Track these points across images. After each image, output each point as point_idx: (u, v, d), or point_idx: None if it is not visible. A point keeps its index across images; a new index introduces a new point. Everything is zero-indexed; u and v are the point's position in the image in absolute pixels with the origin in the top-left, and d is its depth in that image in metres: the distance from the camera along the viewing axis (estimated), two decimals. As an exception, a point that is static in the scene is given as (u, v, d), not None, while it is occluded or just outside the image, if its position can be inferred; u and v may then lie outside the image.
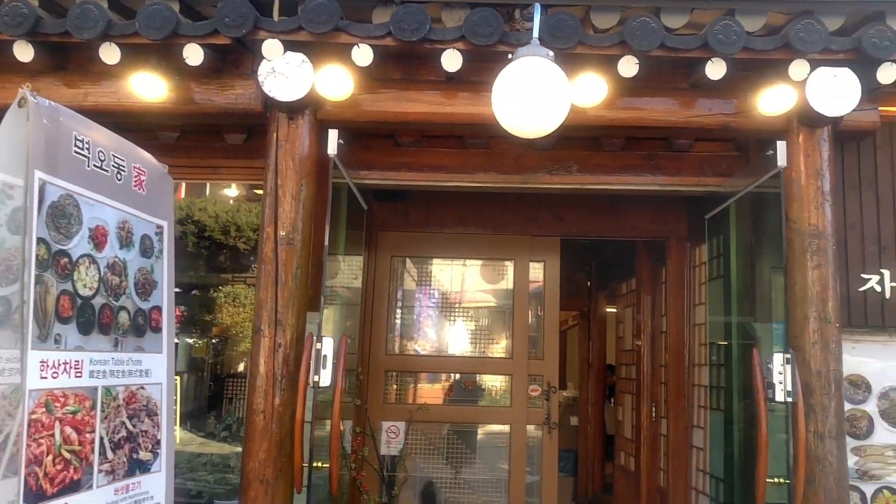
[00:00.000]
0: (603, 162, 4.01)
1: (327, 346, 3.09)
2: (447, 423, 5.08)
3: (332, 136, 3.31)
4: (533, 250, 5.18)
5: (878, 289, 3.63)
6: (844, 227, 3.67)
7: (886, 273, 3.65)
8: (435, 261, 5.31)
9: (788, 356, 3.02)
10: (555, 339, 5.20)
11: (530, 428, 5.07)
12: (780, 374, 2.99)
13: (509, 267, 5.22)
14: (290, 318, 3.30)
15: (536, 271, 5.25)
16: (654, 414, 5.80)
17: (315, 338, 3.11)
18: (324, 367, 3.07)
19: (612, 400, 7.85)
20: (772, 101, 3.34)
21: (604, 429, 8.06)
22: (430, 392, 5.20)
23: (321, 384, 3.07)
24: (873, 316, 3.62)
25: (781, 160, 3.20)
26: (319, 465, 3.13)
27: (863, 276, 3.66)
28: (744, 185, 3.74)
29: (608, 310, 8.16)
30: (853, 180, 3.76)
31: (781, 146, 3.23)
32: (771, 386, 3.01)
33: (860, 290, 3.65)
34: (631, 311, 6.76)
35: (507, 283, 5.23)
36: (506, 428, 5.04)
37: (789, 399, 2.98)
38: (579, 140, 4.04)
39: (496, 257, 5.21)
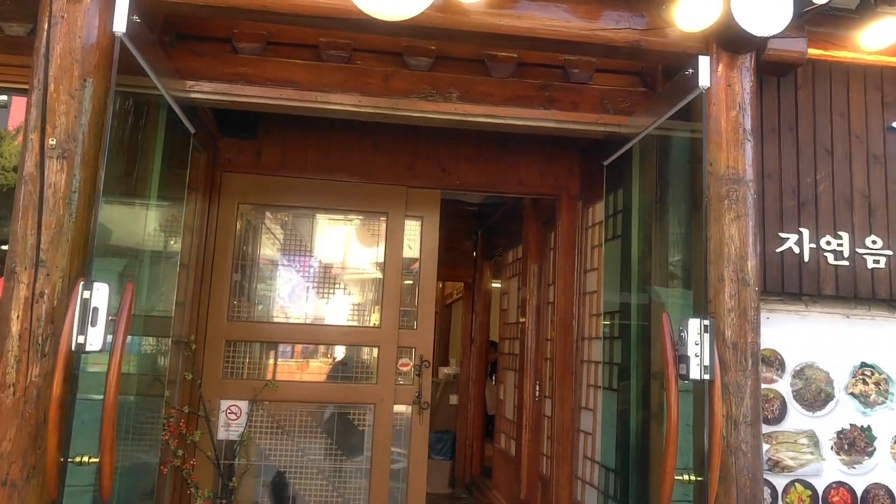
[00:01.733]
0: (489, 90, 3.27)
1: (99, 296, 2.18)
2: (300, 402, 4.24)
3: (121, 6, 2.37)
4: (410, 203, 4.39)
5: (797, 250, 3.09)
6: (762, 177, 3.09)
7: (805, 232, 3.11)
8: (293, 211, 4.43)
9: (707, 323, 2.38)
10: (430, 307, 4.46)
11: (399, 408, 4.32)
12: (697, 344, 2.34)
13: (381, 222, 4.42)
14: (59, 258, 2.35)
15: (413, 231, 4.47)
16: (537, 393, 5.19)
17: (83, 284, 2.19)
18: (93, 325, 2.16)
19: (494, 378, 7.23)
20: (691, 13, 2.69)
21: (484, 408, 7.44)
22: (282, 366, 4.33)
23: (88, 347, 2.15)
24: (790, 281, 3.07)
25: (703, 79, 2.55)
26: (86, 459, 2.23)
27: (780, 234, 3.10)
28: (650, 123, 3.09)
29: (494, 281, 7.52)
30: (772, 124, 3.19)
31: (704, 62, 2.58)
32: (684, 360, 2.36)
33: (777, 250, 3.09)
34: (516, 281, 6.13)
35: (379, 240, 4.42)
36: (370, 408, 4.26)
37: (706, 376, 2.34)
38: (462, 62, 3.30)
39: (366, 209, 4.39)
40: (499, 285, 7.40)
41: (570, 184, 4.50)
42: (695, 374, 2.34)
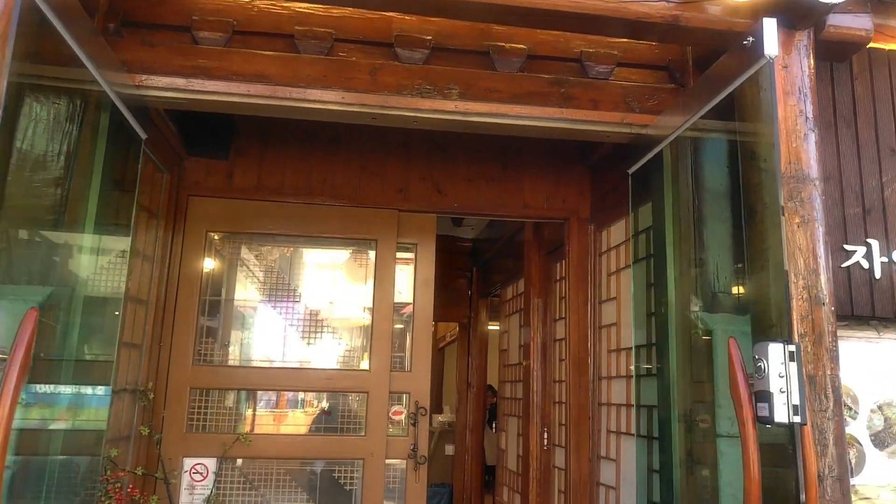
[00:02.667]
0: (495, 86, 2.74)
1: (-17, 327, 1.57)
2: (278, 458, 3.58)
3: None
4: (402, 229, 3.83)
5: (865, 265, 2.54)
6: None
7: (875, 244, 2.56)
8: (270, 240, 3.84)
9: (792, 349, 1.80)
10: (427, 346, 3.85)
11: (392, 461, 3.68)
12: (782, 377, 1.76)
13: (370, 251, 3.84)
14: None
15: (405, 262, 3.90)
16: (546, 441, 4.56)
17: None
18: (-29, 367, 1.54)
19: (494, 425, 6.56)
20: (741, -23, 2.19)
21: (483, 458, 6.75)
22: (257, 418, 3.69)
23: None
24: (860, 303, 2.51)
25: (770, 47, 2.02)
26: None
27: (845, 246, 2.55)
28: (684, 122, 2.57)
29: (491, 321, 6.92)
30: (827, 118, 2.67)
31: (770, 25, 2.04)
32: (764, 398, 1.77)
33: (842, 265, 2.54)
34: (518, 319, 5.53)
35: (368, 271, 3.84)
36: (358, 464, 3.61)
37: (796, 419, 1.75)
38: (462, 54, 2.77)
39: (353, 237, 3.81)
40: (496, 326, 6.80)
41: (579, 205, 3.96)
42: (780, 416, 1.75)
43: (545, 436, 4.56)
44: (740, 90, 2.30)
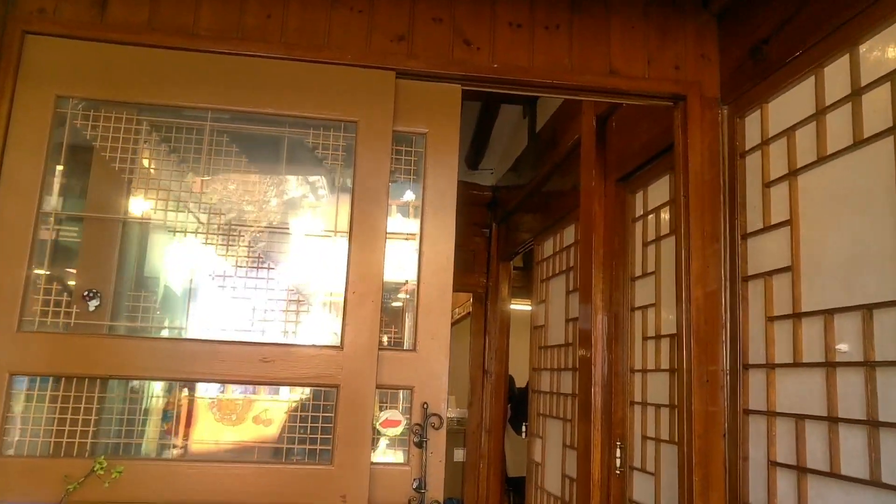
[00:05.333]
0: None
1: None
2: (173, 504, 1.93)
3: None
4: (402, 105, 2.16)
5: None
6: None
7: None
8: (169, 114, 2.15)
9: None
10: (443, 308, 2.20)
11: (381, 505, 2.04)
12: None
13: (347, 139, 2.17)
14: None
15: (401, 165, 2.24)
16: (619, 461, 2.94)
17: None
18: None
19: (525, 428, 4.90)
20: None
21: (503, 467, 5.13)
22: (136, 431, 2.04)
23: None
24: None
25: None
26: None
27: None
28: None
29: (517, 291, 5.28)
30: None
31: None
32: None
33: None
34: (563, 282, 3.90)
35: (340, 173, 2.18)
36: (321, 511, 1.97)
37: None
38: None
39: (316, 115, 2.14)
40: (526, 305, 5.17)
41: (702, 75, 2.30)
42: None
43: (617, 454, 2.93)
44: None
